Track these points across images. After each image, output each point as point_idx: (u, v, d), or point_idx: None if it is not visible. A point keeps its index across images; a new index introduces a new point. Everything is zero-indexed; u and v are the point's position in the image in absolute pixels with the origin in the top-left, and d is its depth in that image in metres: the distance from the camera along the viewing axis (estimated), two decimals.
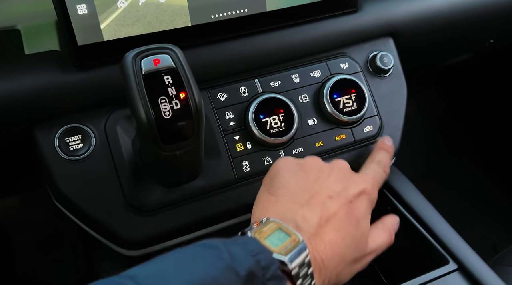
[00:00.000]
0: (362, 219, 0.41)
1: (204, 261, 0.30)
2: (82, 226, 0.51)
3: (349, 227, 0.40)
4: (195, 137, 0.40)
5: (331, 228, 0.39)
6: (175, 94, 0.38)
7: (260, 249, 0.33)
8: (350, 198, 0.41)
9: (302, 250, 0.35)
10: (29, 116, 0.48)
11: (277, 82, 0.56)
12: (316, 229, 0.38)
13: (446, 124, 1.32)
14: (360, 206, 0.42)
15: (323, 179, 0.42)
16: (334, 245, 0.38)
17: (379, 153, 0.52)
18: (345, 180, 0.43)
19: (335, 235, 0.39)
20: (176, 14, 0.50)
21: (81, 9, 0.45)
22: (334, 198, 0.40)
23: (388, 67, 0.60)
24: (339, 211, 0.40)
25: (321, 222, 0.38)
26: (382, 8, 0.61)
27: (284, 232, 0.36)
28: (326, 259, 0.37)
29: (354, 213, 0.41)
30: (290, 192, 0.41)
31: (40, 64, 0.49)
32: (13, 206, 1.05)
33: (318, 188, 0.41)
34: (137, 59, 0.37)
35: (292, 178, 0.42)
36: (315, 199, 0.40)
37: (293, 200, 0.40)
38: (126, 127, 0.50)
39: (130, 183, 0.49)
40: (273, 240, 0.35)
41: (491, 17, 0.70)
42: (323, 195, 0.41)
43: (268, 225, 0.37)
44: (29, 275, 1.02)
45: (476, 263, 0.55)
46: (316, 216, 0.39)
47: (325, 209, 0.39)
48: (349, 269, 0.40)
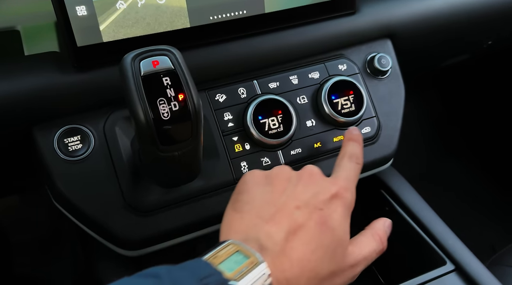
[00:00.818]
0: (337, 226, 0.38)
1: None
2: (81, 226, 0.51)
3: (321, 237, 0.36)
4: (194, 138, 0.40)
5: (300, 242, 0.36)
6: (174, 96, 0.38)
7: (210, 273, 0.30)
8: (320, 206, 0.38)
9: (260, 273, 0.32)
10: (29, 116, 0.48)
11: (275, 83, 0.56)
12: (281, 246, 0.35)
13: (444, 125, 1.32)
14: (333, 212, 0.38)
15: (291, 189, 0.39)
16: (303, 261, 0.35)
17: (348, 146, 0.47)
18: (315, 187, 0.40)
19: (304, 249, 0.35)
20: (175, 16, 0.50)
21: (81, 11, 0.46)
22: (302, 208, 0.38)
23: (386, 69, 0.60)
24: (308, 221, 0.37)
25: (288, 237, 0.36)
26: (380, 10, 0.61)
27: (243, 254, 0.34)
28: (293, 278, 0.34)
29: (327, 221, 0.37)
30: (256, 207, 0.38)
31: (39, 65, 0.49)
32: (12, 206, 1.05)
33: (285, 200, 0.38)
34: (136, 61, 0.38)
35: (258, 192, 0.40)
36: (281, 212, 0.37)
37: (258, 216, 0.37)
38: (125, 128, 0.50)
39: (129, 183, 0.49)
40: (229, 264, 0.33)
41: (489, 18, 0.70)
42: (291, 206, 0.38)
43: (226, 248, 0.34)
44: (27, 275, 1.02)
45: (473, 263, 0.55)
46: (282, 231, 0.36)
47: (292, 221, 0.37)
48: None
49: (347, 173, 0.43)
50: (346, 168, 0.44)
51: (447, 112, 1.32)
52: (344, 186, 0.41)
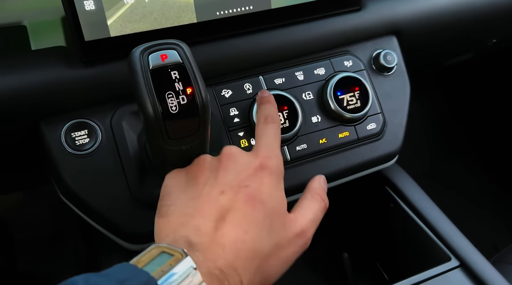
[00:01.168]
0: (267, 198, 0.36)
1: None
2: (88, 220, 0.51)
3: (253, 214, 0.35)
4: (201, 132, 0.40)
5: (231, 225, 0.34)
6: (182, 89, 0.38)
7: (130, 275, 0.29)
8: (245, 183, 0.37)
9: (185, 267, 0.30)
10: (36, 110, 0.48)
11: (281, 79, 0.56)
12: (211, 236, 0.34)
13: (448, 124, 1.32)
14: (260, 185, 0.37)
15: (212, 177, 0.38)
16: (236, 244, 0.34)
17: (260, 110, 0.46)
18: (236, 166, 0.38)
19: (237, 232, 0.34)
20: (182, 11, 0.50)
21: (88, 5, 0.46)
22: (227, 191, 0.36)
23: (391, 65, 0.60)
24: (235, 202, 0.35)
25: (217, 225, 0.34)
26: (386, 6, 0.61)
27: (168, 253, 0.32)
28: (227, 265, 0.33)
29: (255, 196, 0.36)
30: (180, 206, 0.37)
31: (46, 60, 0.49)
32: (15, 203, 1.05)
33: (208, 189, 0.37)
34: (145, 54, 0.38)
35: (181, 191, 0.38)
36: (206, 202, 0.36)
37: (184, 214, 0.36)
38: (132, 123, 0.50)
39: (135, 178, 0.49)
40: (151, 266, 0.31)
41: (494, 17, 0.70)
42: (214, 194, 0.36)
43: (149, 252, 0.32)
44: (30, 272, 1.02)
45: (478, 260, 0.55)
46: (210, 220, 0.35)
47: (219, 208, 0.35)
48: (276, 260, 0.36)
49: (266, 139, 0.42)
50: (264, 134, 0.43)
51: (451, 111, 1.32)
52: (265, 155, 0.40)
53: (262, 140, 0.42)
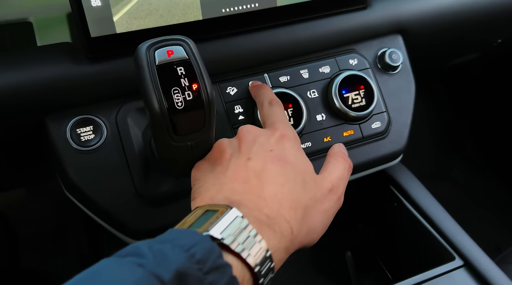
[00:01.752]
0: (293, 159, 0.39)
1: (120, 273, 0.26)
2: (92, 216, 0.51)
3: (284, 172, 0.37)
4: (206, 128, 0.40)
5: (266, 182, 0.36)
6: (188, 85, 0.38)
7: (195, 241, 0.29)
8: (270, 148, 0.39)
9: (232, 217, 0.31)
10: (41, 106, 0.48)
11: (286, 77, 0.56)
12: (250, 192, 0.35)
13: (453, 123, 1.32)
14: (284, 148, 0.39)
15: (236, 151, 0.40)
16: (276, 195, 0.35)
17: (260, 95, 0.49)
18: (256, 139, 0.40)
19: (273, 186, 0.36)
20: (188, 8, 0.50)
21: (95, 1, 0.46)
22: (253, 158, 0.38)
23: (397, 64, 0.60)
24: (265, 164, 0.37)
25: (253, 183, 0.36)
26: (391, 5, 0.61)
27: (212, 210, 0.33)
28: (273, 212, 0.34)
29: (282, 157, 0.38)
30: (210, 181, 0.38)
31: (52, 56, 0.49)
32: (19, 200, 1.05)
33: (234, 161, 0.39)
34: (151, 50, 0.38)
35: (209, 173, 0.40)
36: (236, 170, 0.37)
37: (215, 184, 0.37)
38: (137, 119, 0.51)
39: (140, 174, 0.49)
40: (198, 223, 0.32)
41: (499, 17, 0.70)
42: (242, 162, 0.38)
43: (193, 213, 0.34)
44: (34, 268, 1.03)
45: (482, 259, 0.55)
46: (245, 182, 0.36)
47: (251, 170, 0.37)
48: (316, 212, 0.37)
49: (277, 117, 0.45)
50: (273, 113, 0.45)
51: (456, 110, 1.32)
52: (281, 127, 0.42)
53: (273, 117, 0.44)
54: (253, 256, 0.31)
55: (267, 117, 0.45)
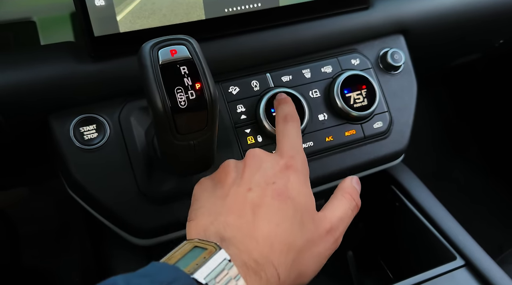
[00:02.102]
0: (295, 194, 0.37)
1: None
2: (95, 214, 0.51)
3: (282, 209, 0.36)
4: (209, 127, 0.41)
5: (262, 220, 0.35)
6: (191, 85, 0.38)
7: (174, 277, 0.28)
8: (272, 180, 0.37)
9: (219, 259, 0.30)
10: (45, 105, 0.48)
11: (288, 77, 0.56)
12: (243, 230, 0.34)
13: (454, 124, 1.32)
14: (287, 182, 0.37)
15: (239, 177, 0.38)
16: (269, 237, 0.34)
17: (279, 109, 0.47)
18: (261, 165, 0.39)
19: (269, 226, 0.34)
20: (191, 8, 0.50)
21: (99, 1, 0.46)
22: (254, 189, 0.37)
23: (399, 64, 0.60)
24: (264, 198, 0.36)
25: (248, 220, 0.35)
26: (393, 5, 0.61)
27: (200, 248, 0.32)
28: (262, 257, 0.33)
29: (283, 192, 0.36)
30: (208, 207, 0.37)
31: (56, 55, 0.49)
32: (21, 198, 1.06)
33: (236, 188, 0.37)
34: (155, 50, 0.38)
35: (209, 194, 0.39)
36: (234, 200, 0.36)
37: (212, 212, 0.36)
38: (140, 118, 0.51)
39: (143, 173, 0.49)
40: (184, 261, 0.31)
41: (501, 17, 0.70)
42: (242, 191, 0.37)
43: (181, 248, 0.32)
44: (36, 267, 1.03)
45: (483, 259, 0.55)
46: (240, 216, 0.35)
47: (248, 204, 0.36)
48: (309, 255, 0.36)
49: (289, 139, 0.42)
50: (285, 133, 0.43)
51: (457, 111, 1.32)
52: (290, 155, 0.40)
53: (285, 140, 0.42)
54: None
55: (279, 137, 0.43)
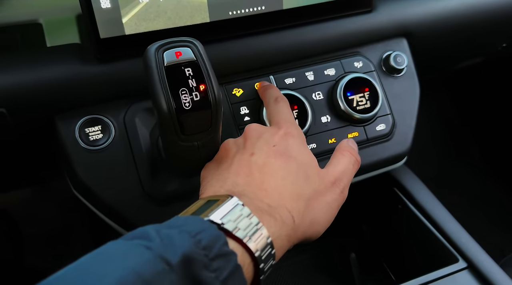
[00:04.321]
0: (296, 153, 0.40)
1: (127, 255, 0.27)
2: (99, 214, 0.52)
3: (286, 165, 0.38)
4: (213, 128, 0.41)
5: (268, 175, 0.37)
6: (195, 86, 0.39)
7: (202, 227, 0.29)
8: (273, 143, 0.40)
9: (233, 204, 0.32)
10: (51, 106, 0.49)
11: (291, 79, 0.57)
12: (251, 184, 0.36)
13: (455, 128, 1.32)
14: (287, 144, 0.40)
15: (241, 149, 0.41)
16: (277, 187, 0.36)
17: (268, 92, 0.50)
18: (261, 136, 0.41)
19: (275, 179, 0.37)
20: (196, 10, 0.51)
21: (105, 3, 0.47)
22: (257, 152, 0.39)
23: (401, 67, 0.60)
24: (267, 158, 0.38)
25: (255, 176, 0.37)
26: (396, 8, 0.61)
27: (213, 200, 0.34)
28: (274, 201, 0.35)
29: (285, 152, 0.39)
30: (215, 178, 0.39)
31: (62, 56, 0.50)
32: (25, 199, 1.06)
33: (239, 156, 0.40)
34: (160, 51, 0.38)
35: (214, 170, 0.41)
36: (239, 165, 0.38)
37: (219, 180, 0.38)
38: (144, 119, 0.51)
39: (147, 173, 0.50)
40: (200, 211, 0.33)
41: (504, 20, 0.70)
42: (245, 156, 0.39)
43: (195, 204, 0.35)
44: (38, 267, 1.03)
45: (486, 262, 0.55)
46: (247, 175, 0.37)
47: (253, 164, 0.38)
48: (318, 204, 0.38)
49: (282, 115, 0.45)
50: (278, 111, 0.46)
51: (459, 114, 1.32)
52: (286, 124, 0.42)
53: (278, 116, 0.45)
54: (254, 241, 0.31)
55: (273, 116, 0.46)
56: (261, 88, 0.53)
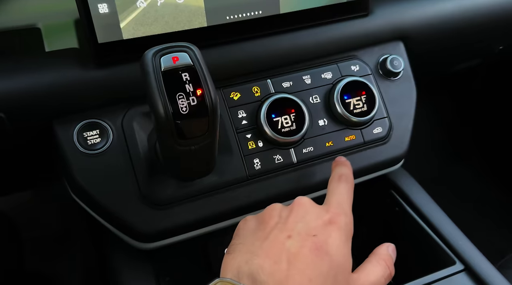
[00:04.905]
0: (334, 251, 0.36)
1: None
2: (98, 218, 0.52)
3: (318, 264, 0.35)
4: (210, 132, 0.41)
5: (296, 270, 0.34)
6: (192, 91, 0.39)
7: None
8: (313, 232, 0.37)
9: None
10: (49, 110, 0.49)
11: (289, 83, 0.57)
12: (275, 277, 0.34)
13: (454, 130, 1.32)
14: (328, 237, 0.37)
15: (282, 222, 0.39)
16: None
17: (336, 168, 0.48)
18: (306, 215, 0.39)
19: (302, 277, 0.34)
20: (193, 15, 0.51)
21: (102, 8, 0.47)
22: (294, 237, 0.37)
23: (398, 70, 0.61)
24: (302, 248, 0.36)
25: (281, 268, 0.35)
26: (393, 12, 0.62)
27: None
28: None
29: (321, 246, 0.36)
30: (247, 245, 0.38)
31: (60, 61, 0.50)
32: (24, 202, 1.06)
33: (276, 233, 0.38)
34: (157, 57, 0.39)
35: (250, 233, 0.39)
36: (272, 244, 0.36)
37: (249, 251, 0.37)
38: (142, 123, 0.52)
39: (145, 177, 0.50)
40: None
41: (502, 23, 0.71)
42: (281, 237, 0.37)
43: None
44: (37, 271, 1.04)
45: (483, 264, 0.55)
46: (276, 262, 0.35)
47: (285, 251, 0.36)
48: None
49: (338, 197, 0.43)
50: (336, 192, 0.43)
51: (458, 116, 1.32)
52: (336, 211, 0.40)
53: (334, 196, 0.43)
54: None
55: (330, 193, 0.43)
56: (334, 163, 0.50)
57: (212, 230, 0.55)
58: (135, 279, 0.55)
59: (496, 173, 1.24)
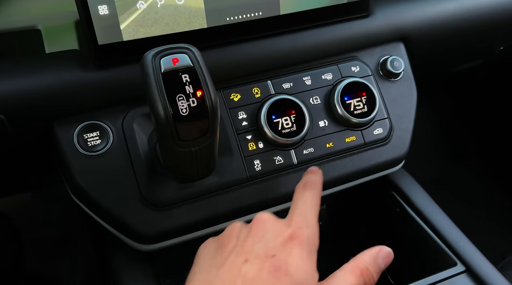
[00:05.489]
0: (295, 270, 0.34)
1: None
2: (98, 220, 0.52)
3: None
4: (210, 134, 0.41)
5: None
6: (192, 92, 0.39)
7: None
8: (272, 252, 0.35)
9: None
10: (50, 112, 0.49)
11: (289, 84, 0.57)
12: None
13: (455, 129, 1.32)
14: (288, 256, 0.35)
15: (240, 245, 0.36)
16: None
17: (305, 177, 0.45)
18: (265, 235, 0.37)
19: None
20: (193, 16, 0.51)
21: (102, 10, 0.47)
22: (251, 260, 0.35)
23: (398, 71, 0.61)
24: (260, 272, 0.34)
25: None
26: (393, 13, 0.62)
27: None
28: None
29: (280, 267, 0.34)
30: (203, 273, 0.36)
31: (60, 62, 0.50)
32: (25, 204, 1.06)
33: (233, 258, 0.35)
34: (157, 58, 0.39)
35: (208, 259, 0.37)
36: (229, 271, 0.35)
37: (206, 281, 0.35)
38: (142, 125, 0.51)
39: (146, 178, 0.50)
40: None
41: (503, 23, 0.71)
42: (238, 262, 0.35)
43: None
44: (38, 272, 1.04)
45: (484, 265, 0.55)
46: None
47: (241, 277, 0.34)
48: None
49: (302, 207, 0.40)
50: (300, 201, 0.41)
51: (459, 116, 1.32)
52: (298, 225, 0.37)
53: (297, 207, 0.40)
54: None
55: (293, 204, 0.41)
56: (305, 173, 0.47)
57: (213, 231, 0.55)
58: (136, 280, 0.55)
59: (497, 174, 1.24)
